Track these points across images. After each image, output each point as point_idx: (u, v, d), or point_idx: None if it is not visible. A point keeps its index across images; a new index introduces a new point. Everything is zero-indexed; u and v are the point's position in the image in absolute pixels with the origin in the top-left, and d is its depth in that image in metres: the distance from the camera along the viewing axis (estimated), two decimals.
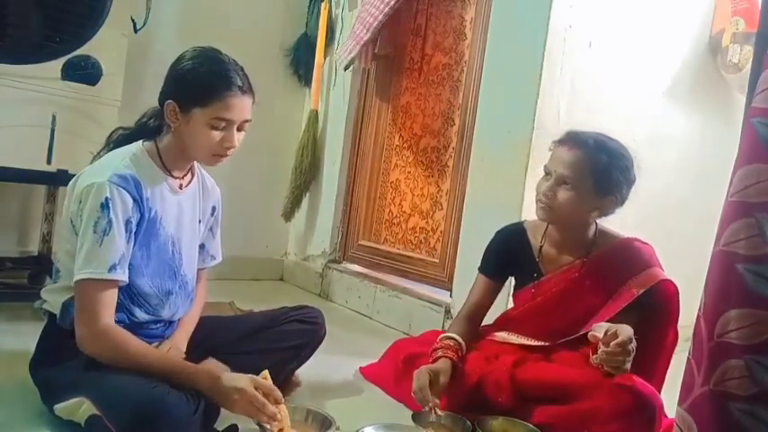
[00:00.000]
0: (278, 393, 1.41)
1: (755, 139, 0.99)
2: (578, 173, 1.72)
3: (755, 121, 1.00)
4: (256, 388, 1.38)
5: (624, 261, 1.78)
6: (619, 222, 1.83)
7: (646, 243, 1.84)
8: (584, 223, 1.82)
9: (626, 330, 1.55)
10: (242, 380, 1.39)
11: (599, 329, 1.59)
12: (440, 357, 1.75)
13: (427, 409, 1.62)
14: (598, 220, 1.83)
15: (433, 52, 2.97)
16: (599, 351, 1.55)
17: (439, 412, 1.62)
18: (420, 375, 1.67)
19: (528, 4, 2.39)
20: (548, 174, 1.78)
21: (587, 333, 1.64)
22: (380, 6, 2.87)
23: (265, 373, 1.45)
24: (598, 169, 1.72)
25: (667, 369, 1.76)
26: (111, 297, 1.44)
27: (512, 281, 1.99)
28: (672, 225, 2.82)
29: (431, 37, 2.98)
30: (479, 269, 1.96)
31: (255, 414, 1.38)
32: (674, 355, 1.77)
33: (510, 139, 2.38)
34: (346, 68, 3.14)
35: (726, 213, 1.02)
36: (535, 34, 2.33)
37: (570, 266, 1.82)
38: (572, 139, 1.77)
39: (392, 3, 2.84)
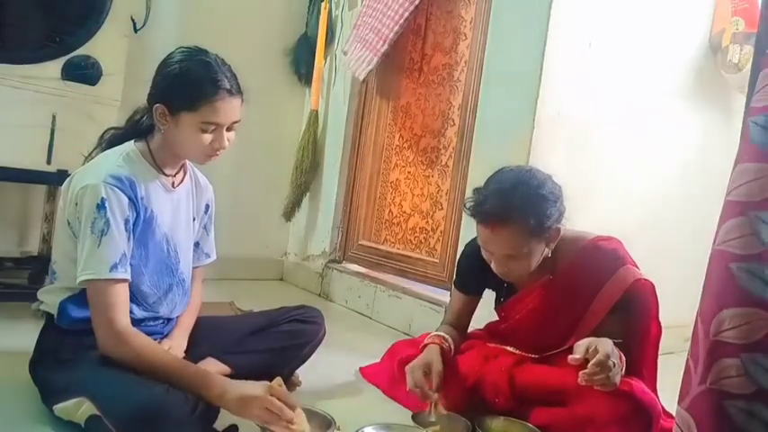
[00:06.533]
0: (293, 399, 1.40)
1: (749, 137, 0.99)
2: (518, 246, 1.62)
3: (750, 121, 1.00)
4: (272, 395, 1.37)
5: (593, 267, 1.72)
6: (619, 223, 1.82)
7: (609, 238, 1.78)
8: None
9: (605, 346, 1.50)
10: (257, 387, 1.38)
11: (579, 349, 1.53)
12: (427, 345, 1.76)
13: (430, 404, 1.61)
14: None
15: (433, 52, 2.96)
16: (580, 373, 1.49)
17: (441, 409, 1.61)
18: (414, 371, 1.67)
19: (528, 4, 2.39)
20: (488, 251, 1.68)
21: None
22: (395, 18, 2.85)
23: (279, 379, 1.44)
24: (535, 231, 1.61)
25: (656, 362, 1.74)
26: (121, 296, 1.44)
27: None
28: (672, 225, 2.82)
29: (431, 37, 2.98)
30: (454, 284, 1.95)
31: (273, 420, 1.35)
32: (673, 356, 1.76)
33: (510, 139, 2.38)
34: (364, 80, 3.10)
35: (723, 212, 1.02)
36: (535, 34, 2.33)
37: (539, 283, 1.77)
38: (492, 217, 1.61)
39: (406, 14, 2.83)
